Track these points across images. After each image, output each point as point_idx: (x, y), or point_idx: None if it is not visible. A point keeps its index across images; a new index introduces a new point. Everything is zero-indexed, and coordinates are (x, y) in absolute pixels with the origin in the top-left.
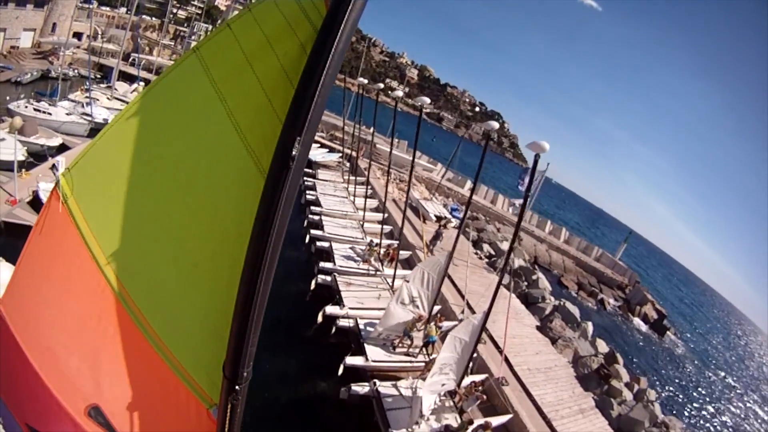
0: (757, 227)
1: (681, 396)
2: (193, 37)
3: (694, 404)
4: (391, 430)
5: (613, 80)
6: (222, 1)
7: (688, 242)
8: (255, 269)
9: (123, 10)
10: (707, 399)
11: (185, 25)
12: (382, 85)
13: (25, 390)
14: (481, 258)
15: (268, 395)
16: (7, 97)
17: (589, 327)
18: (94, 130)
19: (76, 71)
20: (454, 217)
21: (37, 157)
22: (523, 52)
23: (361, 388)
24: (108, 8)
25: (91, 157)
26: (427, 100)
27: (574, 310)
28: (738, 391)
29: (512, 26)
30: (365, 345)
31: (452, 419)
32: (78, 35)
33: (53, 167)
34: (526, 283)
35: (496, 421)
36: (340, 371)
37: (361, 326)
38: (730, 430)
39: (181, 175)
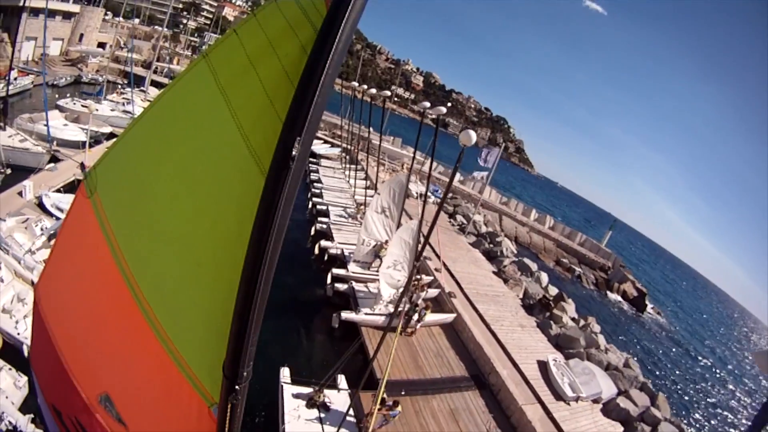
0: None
1: (651, 362)
2: (204, 47)
3: (662, 368)
4: (359, 308)
5: (618, 84)
6: (230, 11)
7: (694, 243)
8: (255, 269)
9: (137, 20)
10: (676, 365)
11: (195, 35)
12: (388, 93)
13: (51, 372)
14: (453, 225)
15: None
16: (56, 95)
17: (544, 277)
18: None
19: (104, 77)
20: (434, 196)
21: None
22: (528, 58)
23: (341, 285)
24: (122, 19)
25: (112, 156)
26: (443, 110)
27: (544, 278)
28: (709, 360)
29: (517, 31)
30: (348, 264)
31: (404, 305)
32: (102, 45)
33: (81, 164)
34: (490, 243)
35: (441, 317)
36: (328, 280)
37: (346, 253)
38: (693, 390)
39: (188, 175)
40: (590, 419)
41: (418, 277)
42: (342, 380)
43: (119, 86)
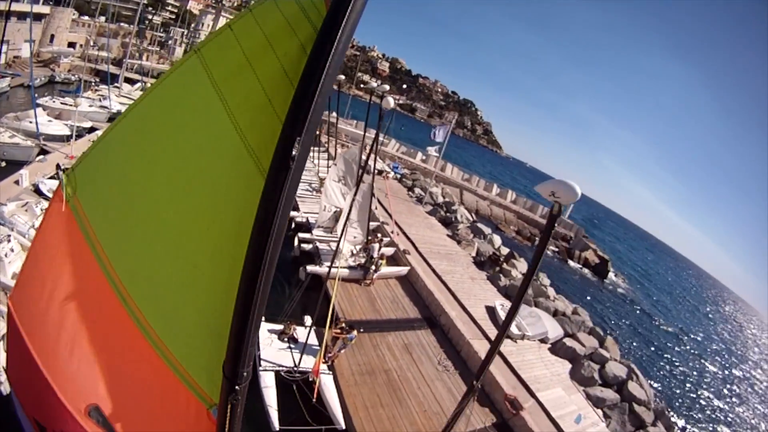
0: (730, 199)
1: (608, 318)
2: (170, 42)
3: (620, 327)
4: (321, 260)
5: (585, 64)
6: (194, 4)
7: (665, 217)
8: (255, 269)
9: (102, 18)
10: (634, 324)
11: (161, 30)
12: (342, 77)
13: (31, 385)
14: (411, 196)
15: None
16: (35, 94)
17: (496, 239)
18: (113, 118)
19: (76, 76)
20: (394, 171)
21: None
22: (496, 40)
23: (306, 246)
24: (87, 17)
25: (93, 157)
26: (386, 87)
27: (497, 240)
28: (662, 321)
29: (482, 14)
30: (312, 230)
31: (362, 259)
32: (72, 44)
33: (58, 166)
34: (446, 212)
35: (396, 269)
36: (296, 243)
37: (311, 220)
38: (646, 344)
39: (182, 175)
40: (537, 355)
41: (377, 235)
42: (308, 319)
43: (92, 84)
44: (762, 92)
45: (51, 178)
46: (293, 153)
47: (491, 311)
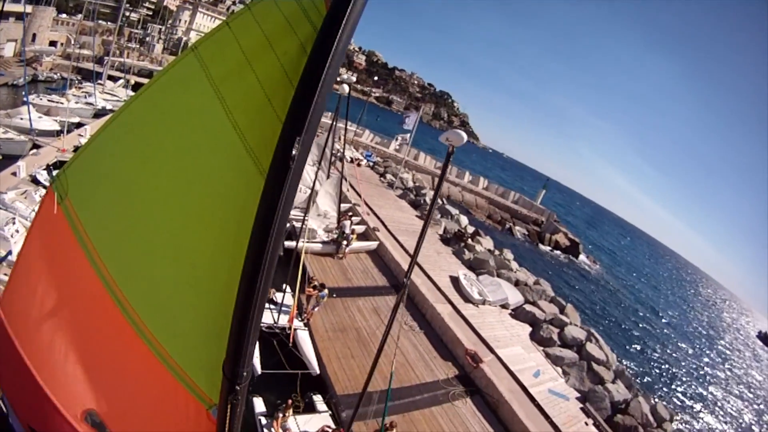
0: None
1: (573, 296)
2: (147, 38)
3: (587, 304)
4: (297, 237)
5: (563, 55)
6: (172, 1)
7: (641, 204)
8: (255, 269)
9: (79, 16)
10: (602, 301)
11: (138, 27)
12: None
13: (24, 392)
14: (383, 182)
15: None
16: (23, 92)
17: (463, 219)
18: (98, 114)
19: (58, 74)
20: (367, 159)
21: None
22: (473, 32)
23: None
24: (66, 15)
25: (86, 157)
26: (354, 79)
27: (464, 220)
28: (630, 299)
29: (459, 6)
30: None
31: (335, 235)
32: (53, 43)
33: (48, 167)
34: (416, 195)
35: (366, 244)
36: None
37: None
38: (610, 319)
39: (179, 175)
40: (497, 318)
41: (349, 214)
42: (288, 288)
43: (75, 81)
44: (737, 84)
45: (46, 169)
46: (293, 153)
47: (455, 280)
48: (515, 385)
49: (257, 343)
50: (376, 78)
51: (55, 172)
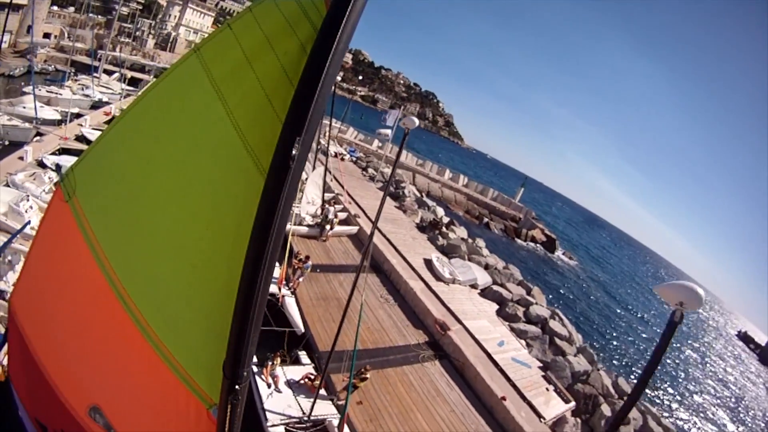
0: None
1: (542, 284)
2: (138, 33)
3: (559, 293)
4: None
5: (550, 59)
6: None
7: (625, 207)
8: (255, 269)
9: (72, 9)
10: (575, 293)
11: (128, 21)
12: None
13: (33, 386)
14: (364, 175)
15: None
16: (22, 83)
17: (439, 210)
18: (95, 105)
19: (52, 66)
20: (350, 155)
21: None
22: (459, 33)
23: None
24: (57, 8)
25: (94, 155)
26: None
27: (440, 211)
28: (601, 292)
29: (446, 7)
30: None
31: (319, 219)
32: (47, 35)
33: (56, 165)
34: (396, 188)
35: (348, 228)
36: None
37: None
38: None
39: (181, 175)
40: (466, 296)
41: (332, 201)
42: (277, 264)
43: (71, 74)
44: (720, 87)
45: (52, 154)
46: (293, 153)
47: (428, 262)
48: (480, 352)
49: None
50: (360, 77)
51: (63, 170)
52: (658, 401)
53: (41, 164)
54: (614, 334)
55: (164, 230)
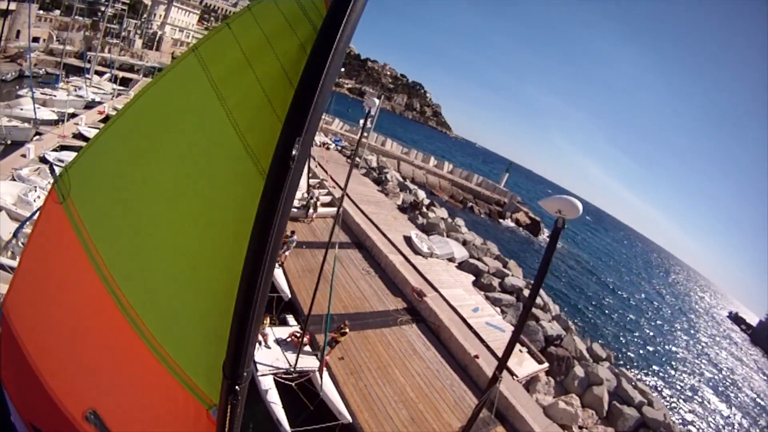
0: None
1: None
2: (123, 33)
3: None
4: None
5: (539, 47)
6: None
7: (616, 193)
8: (255, 269)
9: (57, 12)
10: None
11: (114, 22)
12: None
13: (27, 390)
14: (349, 163)
15: None
16: (16, 87)
17: (420, 193)
18: (89, 105)
19: (43, 70)
20: (336, 144)
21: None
22: (447, 23)
23: None
24: (42, 11)
25: (88, 157)
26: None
27: (421, 194)
28: (586, 271)
29: None
30: None
31: (305, 202)
32: (36, 39)
33: (50, 166)
34: (379, 174)
35: (331, 210)
36: None
37: None
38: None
39: (179, 176)
40: (444, 267)
41: (317, 185)
42: None
43: (60, 76)
44: (708, 73)
45: (53, 150)
46: (293, 153)
47: (407, 239)
48: (455, 316)
49: None
50: (343, 69)
51: (57, 170)
52: (648, 378)
53: (43, 160)
54: (595, 312)
55: (163, 232)
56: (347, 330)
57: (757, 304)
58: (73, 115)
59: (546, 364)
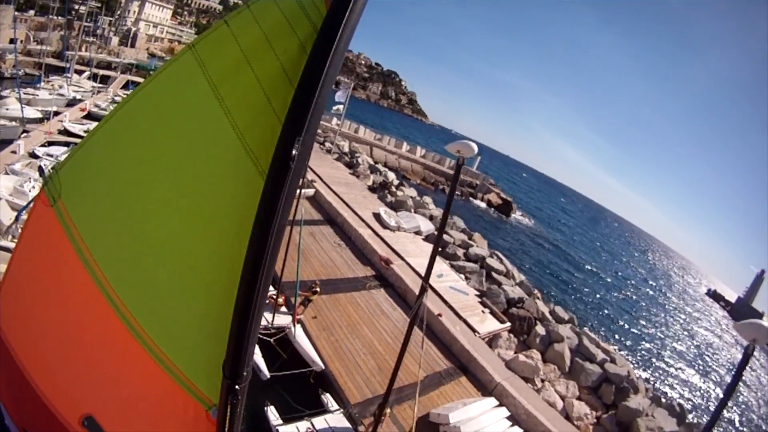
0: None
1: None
2: (98, 31)
3: (511, 250)
4: None
5: (513, 32)
6: None
7: (598, 179)
8: (255, 269)
9: (31, 12)
10: (525, 248)
11: (88, 20)
12: None
13: (21, 396)
14: (322, 149)
15: None
16: (7, 87)
17: (391, 175)
18: (70, 103)
19: (22, 71)
20: None
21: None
22: (418, 10)
23: None
24: (18, 12)
25: (80, 158)
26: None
27: (391, 176)
28: (556, 248)
29: None
30: None
31: None
32: (12, 41)
33: (39, 168)
34: (350, 158)
35: (305, 191)
36: None
37: None
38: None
39: (176, 176)
40: (410, 240)
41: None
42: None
43: (41, 75)
44: (686, 58)
45: (42, 146)
46: (293, 153)
47: (376, 215)
48: (420, 281)
49: None
50: None
51: (46, 171)
52: (625, 351)
53: (33, 155)
54: (566, 288)
55: (159, 233)
56: (318, 289)
57: (736, 282)
58: (56, 113)
59: (508, 324)
